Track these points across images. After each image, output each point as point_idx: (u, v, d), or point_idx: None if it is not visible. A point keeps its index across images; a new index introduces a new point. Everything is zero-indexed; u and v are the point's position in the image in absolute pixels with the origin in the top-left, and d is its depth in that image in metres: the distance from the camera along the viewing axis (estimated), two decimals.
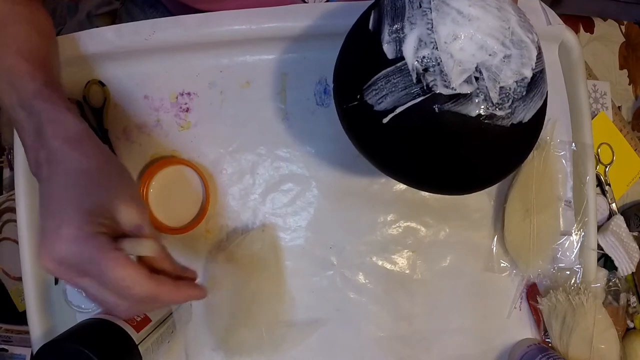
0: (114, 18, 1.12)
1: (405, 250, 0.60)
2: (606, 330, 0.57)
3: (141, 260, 0.37)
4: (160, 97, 0.58)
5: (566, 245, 0.61)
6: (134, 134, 0.58)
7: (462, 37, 0.37)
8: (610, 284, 0.68)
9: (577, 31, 0.76)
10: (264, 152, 0.59)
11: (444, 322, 0.60)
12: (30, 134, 0.39)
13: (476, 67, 0.37)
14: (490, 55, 0.38)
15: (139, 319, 0.47)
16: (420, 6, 0.39)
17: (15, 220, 0.57)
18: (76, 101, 0.57)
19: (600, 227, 0.68)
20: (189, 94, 0.58)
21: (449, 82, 0.37)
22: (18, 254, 0.55)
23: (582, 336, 0.56)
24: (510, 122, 0.39)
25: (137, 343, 0.45)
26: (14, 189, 0.56)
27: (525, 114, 0.40)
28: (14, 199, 0.56)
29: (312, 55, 0.58)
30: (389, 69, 0.39)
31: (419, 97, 0.38)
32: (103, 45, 0.55)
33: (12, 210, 0.73)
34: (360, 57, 0.42)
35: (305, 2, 0.60)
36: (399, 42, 0.38)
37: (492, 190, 0.61)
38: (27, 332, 0.56)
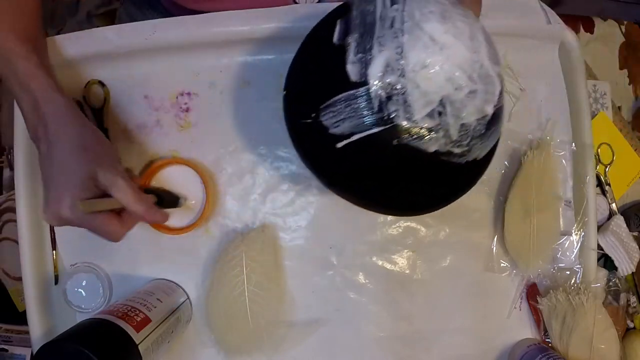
0: (113, 18, 1.12)
1: (405, 250, 0.60)
2: (606, 330, 0.57)
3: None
4: (160, 97, 0.58)
5: (566, 245, 0.62)
6: (134, 134, 0.58)
7: (431, 67, 0.35)
8: (610, 284, 0.68)
9: (577, 31, 0.76)
10: (264, 152, 0.59)
11: (444, 322, 0.60)
12: (27, 108, 0.45)
13: (440, 100, 0.36)
14: (456, 89, 0.36)
15: (139, 319, 0.47)
16: (392, 26, 0.36)
17: (15, 220, 0.57)
18: (76, 101, 0.57)
19: (600, 227, 0.68)
20: (189, 94, 0.58)
21: (412, 114, 0.35)
22: (18, 254, 0.55)
23: (582, 336, 0.56)
24: (465, 160, 0.39)
25: (137, 343, 0.45)
26: (14, 189, 0.56)
27: (480, 152, 0.40)
28: (14, 199, 0.56)
29: None
30: (350, 92, 0.36)
31: (378, 126, 0.36)
32: (103, 45, 0.55)
33: (12, 210, 0.73)
34: (320, 71, 0.40)
35: (296, 2, 0.60)
36: (365, 64, 0.36)
37: (492, 190, 0.61)
38: (27, 332, 0.56)
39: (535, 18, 0.60)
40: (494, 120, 0.39)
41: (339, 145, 0.38)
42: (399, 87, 0.35)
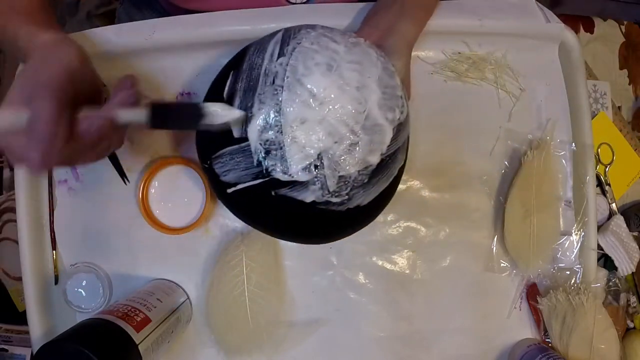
0: (113, 18, 1.12)
1: (405, 250, 0.60)
2: (606, 330, 0.57)
3: None
4: (160, 97, 0.58)
5: (566, 245, 0.61)
6: (134, 133, 0.58)
7: (310, 122, 0.37)
8: (610, 284, 0.68)
9: (577, 31, 0.76)
10: None
11: (444, 322, 0.60)
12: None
13: (319, 155, 0.37)
14: (336, 142, 0.37)
15: (139, 319, 0.47)
16: (274, 82, 0.38)
17: (15, 220, 0.57)
18: None
19: (600, 227, 0.68)
20: (189, 94, 0.58)
21: (288, 168, 0.38)
22: (18, 254, 0.55)
23: (582, 336, 0.56)
24: (346, 207, 0.40)
25: (137, 343, 0.45)
26: (14, 189, 0.56)
27: (364, 199, 0.41)
28: (14, 199, 0.56)
29: None
30: (233, 147, 0.39)
31: (258, 179, 0.39)
32: (103, 45, 0.55)
33: (12, 210, 0.73)
34: None
35: (291, 3, 0.60)
36: (246, 121, 0.38)
37: (492, 190, 0.61)
38: (27, 332, 0.56)
39: (535, 19, 0.60)
40: (380, 168, 0.40)
41: (228, 191, 0.41)
42: (277, 142, 0.37)
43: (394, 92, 0.40)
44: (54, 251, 0.57)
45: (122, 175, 0.57)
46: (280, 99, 0.37)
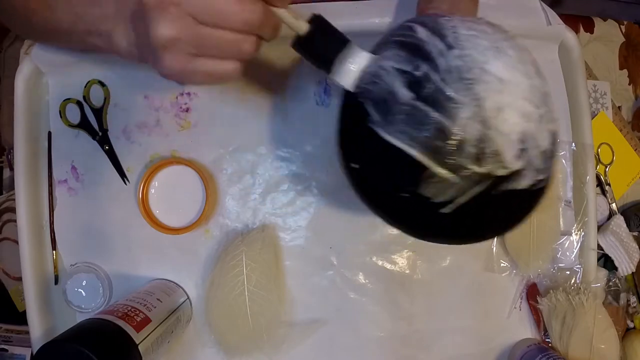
0: None
1: (405, 250, 0.60)
2: (606, 330, 0.57)
3: None
4: (160, 97, 0.58)
5: (566, 245, 0.61)
6: (134, 134, 0.58)
7: (505, 108, 0.35)
8: (610, 284, 0.68)
9: (577, 31, 0.76)
10: (264, 152, 0.59)
11: (444, 322, 0.60)
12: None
13: (521, 138, 0.36)
14: (528, 121, 0.36)
15: (139, 319, 0.47)
16: (461, 78, 0.35)
17: (15, 220, 0.57)
18: (76, 101, 0.57)
19: (600, 227, 0.68)
20: (189, 94, 0.58)
21: (504, 162, 0.35)
22: (18, 254, 0.55)
23: (582, 336, 0.56)
24: (547, 182, 0.39)
25: (137, 343, 0.45)
26: (14, 189, 0.56)
27: (553, 169, 0.40)
28: (14, 199, 0.56)
29: None
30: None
31: (480, 184, 0.36)
32: None
33: (12, 210, 0.73)
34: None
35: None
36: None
37: None
38: (27, 332, 0.56)
39: (536, 18, 0.60)
40: (557, 134, 0.39)
41: (443, 210, 0.38)
42: (486, 140, 0.35)
43: (534, 60, 0.39)
44: (54, 251, 0.57)
45: (122, 175, 0.57)
46: (476, 91, 0.35)
